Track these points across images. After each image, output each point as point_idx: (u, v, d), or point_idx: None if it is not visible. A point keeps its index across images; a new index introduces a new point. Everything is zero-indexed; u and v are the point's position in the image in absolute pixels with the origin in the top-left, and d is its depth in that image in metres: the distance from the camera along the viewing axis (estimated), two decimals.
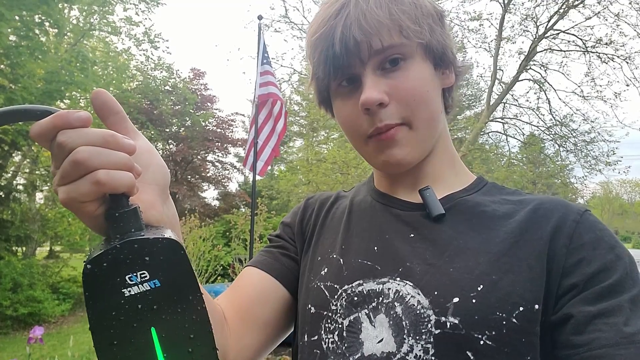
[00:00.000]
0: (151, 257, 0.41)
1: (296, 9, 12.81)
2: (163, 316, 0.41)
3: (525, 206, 0.65)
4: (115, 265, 0.40)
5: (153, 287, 0.41)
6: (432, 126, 0.68)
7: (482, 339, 0.55)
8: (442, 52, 0.67)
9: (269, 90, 5.06)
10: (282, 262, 0.76)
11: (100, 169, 0.40)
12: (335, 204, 0.82)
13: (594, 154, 13.21)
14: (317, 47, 0.66)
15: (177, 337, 0.42)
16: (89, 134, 0.41)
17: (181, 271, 0.42)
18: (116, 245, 0.40)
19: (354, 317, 0.63)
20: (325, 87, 0.71)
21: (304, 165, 12.50)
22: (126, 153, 0.43)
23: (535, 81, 13.42)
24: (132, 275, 0.40)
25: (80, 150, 0.40)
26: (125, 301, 0.40)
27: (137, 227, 0.43)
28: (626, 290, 0.55)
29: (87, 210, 0.43)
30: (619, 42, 11.94)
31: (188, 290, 0.43)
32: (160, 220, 0.49)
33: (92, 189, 0.41)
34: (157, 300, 0.41)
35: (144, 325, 0.41)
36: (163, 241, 0.42)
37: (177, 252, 0.42)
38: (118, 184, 0.41)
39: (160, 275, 0.41)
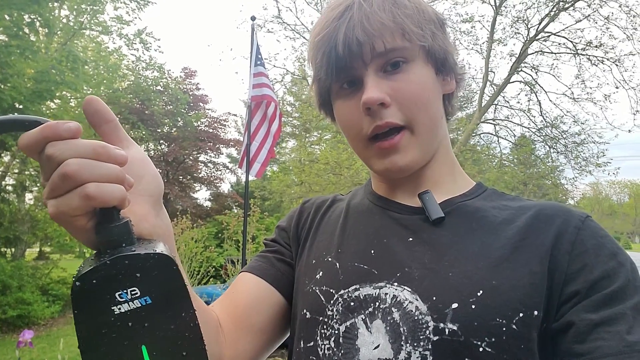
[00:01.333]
0: (142, 273, 0.40)
1: (289, 9, 12.81)
2: (154, 333, 0.41)
3: (526, 212, 0.65)
4: (104, 282, 0.39)
5: (144, 304, 0.40)
6: (434, 131, 0.68)
7: (481, 346, 0.54)
8: (443, 57, 0.68)
9: (263, 92, 5.04)
10: (277, 268, 0.76)
11: (90, 182, 0.39)
12: (332, 207, 0.81)
13: (584, 155, 13.32)
14: (320, 48, 0.66)
15: (168, 354, 0.41)
16: (78, 146, 0.40)
17: (173, 287, 0.41)
18: (106, 261, 0.39)
19: (350, 322, 0.62)
20: (326, 89, 0.70)
21: (296, 166, 12.48)
22: (118, 164, 0.42)
23: (526, 83, 13.50)
24: (122, 292, 0.39)
25: (69, 163, 0.39)
26: (115, 319, 0.39)
27: (129, 242, 0.42)
28: (628, 297, 0.54)
29: (78, 224, 0.42)
30: (608, 45, 12.06)
31: (180, 307, 0.42)
32: (153, 232, 0.48)
33: (81, 203, 0.40)
34: (148, 317, 0.40)
35: (135, 343, 0.40)
36: (155, 257, 0.41)
37: (169, 267, 0.41)
38: (108, 198, 0.40)
39: (151, 292, 0.40)
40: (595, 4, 11.69)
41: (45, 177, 0.41)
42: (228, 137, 19.51)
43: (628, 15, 11.57)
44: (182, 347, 0.42)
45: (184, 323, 0.42)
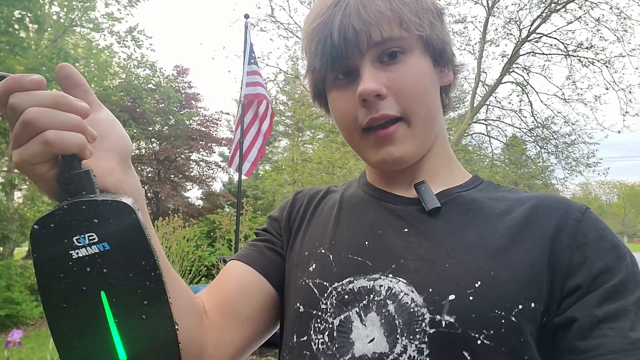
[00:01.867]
0: (100, 219, 0.40)
1: (282, 8, 12.76)
2: (113, 281, 0.40)
3: (524, 203, 0.64)
4: (62, 227, 0.39)
5: (102, 250, 0.40)
6: (430, 123, 0.67)
7: (479, 339, 0.53)
8: (441, 48, 0.67)
9: (257, 91, 5.03)
10: (267, 257, 0.74)
11: (49, 129, 0.41)
12: (325, 198, 0.80)
13: (574, 155, 13.46)
14: (315, 37, 0.65)
15: (129, 302, 0.41)
16: (39, 95, 0.42)
17: (132, 236, 0.41)
18: (63, 206, 0.40)
19: (345, 316, 0.60)
20: (321, 79, 0.69)
21: (289, 165, 12.47)
22: (78, 115, 0.43)
23: (517, 84, 13.60)
24: (79, 237, 0.39)
25: (29, 111, 0.41)
26: (73, 263, 0.39)
27: (89, 191, 0.42)
28: (629, 291, 0.53)
29: (39, 172, 0.43)
30: (599, 47, 12.19)
31: (140, 256, 0.42)
32: (119, 187, 0.49)
33: (41, 149, 0.41)
34: (106, 264, 0.40)
35: (93, 288, 0.40)
36: (112, 203, 0.41)
37: (127, 215, 0.41)
38: (67, 144, 0.41)
39: (109, 239, 0.40)
40: (587, 6, 11.82)
41: (11, 129, 0.42)
42: (220, 135, 19.44)
43: (618, 18, 11.70)
44: (143, 295, 0.42)
45: (144, 271, 0.42)
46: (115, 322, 0.41)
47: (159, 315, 0.43)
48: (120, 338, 0.41)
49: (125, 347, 0.41)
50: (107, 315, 0.41)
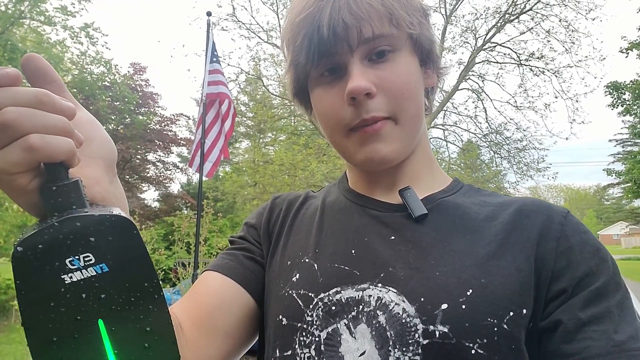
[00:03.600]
0: (97, 237, 0.35)
1: (244, 8, 12.56)
2: (113, 307, 0.36)
3: (507, 208, 0.64)
4: (53, 247, 0.34)
5: (100, 273, 0.35)
6: (417, 123, 0.65)
7: (473, 348, 0.51)
8: (429, 49, 0.65)
9: (219, 90, 4.92)
10: (246, 266, 0.70)
11: (33, 132, 0.34)
12: (305, 204, 0.76)
13: (525, 160, 14.07)
14: (301, 30, 0.61)
15: (130, 330, 0.36)
16: (18, 93, 0.35)
17: (134, 254, 0.37)
18: (54, 223, 0.34)
19: (332, 328, 0.57)
20: (304, 75, 0.65)
21: (250, 166, 12.31)
22: (64, 117, 0.36)
23: (473, 91, 14.10)
24: (73, 259, 0.34)
25: (7, 111, 0.34)
26: (65, 289, 0.34)
27: (80, 204, 0.36)
28: (611, 294, 0.54)
29: (18, 183, 0.36)
30: (549, 57, 12.84)
31: (142, 276, 0.37)
32: (107, 198, 0.43)
33: (23, 156, 0.35)
34: (104, 287, 0.35)
35: (90, 317, 0.35)
36: (112, 219, 0.36)
37: (128, 231, 0.37)
38: (55, 151, 0.35)
39: (108, 259, 0.35)
40: (538, 18, 12.42)
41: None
42: (179, 136, 18.98)
43: (567, 30, 12.36)
44: (146, 321, 0.37)
45: (147, 294, 0.37)
46: (115, 354, 0.36)
47: (163, 343, 0.38)
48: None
49: None
50: (106, 347, 0.36)
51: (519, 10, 12.56)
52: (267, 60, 13.27)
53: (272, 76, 13.92)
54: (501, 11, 12.70)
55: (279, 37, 11.98)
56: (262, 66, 13.44)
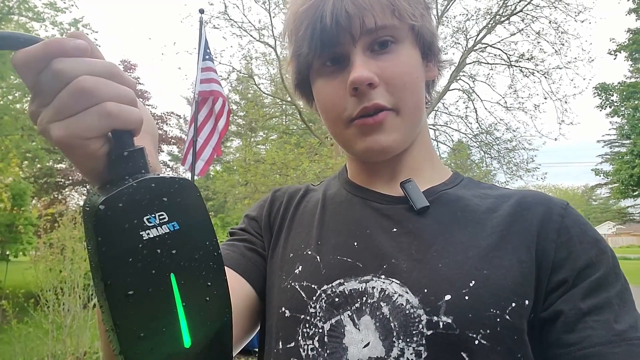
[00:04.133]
0: (169, 198, 0.38)
1: (236, 6, 12.49)
2: (181, 262, 0.38)
3: (507, 200, 0.64)
4: (132, 206, 0.36)
5: (172, 230, 0.37)
6: (418, 115, 0.66)
7: (476, 338, 0.52)
8: (430, 41, 0.66)
9: (212, 88, 4.89)
10: (247, 258, 0.69)
11: (108, 100, 0.36)
12: (306, 197, 0.76)
13: (515, 161, 14.19)
14: (304, 20, 0.62)
15: (195, 284, 0.39)
16: (92, 63, 0.36)
17: (199, 214, 0.40)
18: (132, 184, 0.36)
19: (336, 320, 0.58)
20: (307, 65, 0.66)
21: (241, 165, 12.25)
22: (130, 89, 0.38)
23: (464, 91, 14.18)
24: (150, 217, 0.36)
25: (84, 79, 0.35)
26: (143, 245, 0.36)
27: (146, 169, 0.39)
28: (611, 284, 0.55)
29: (91, 148, 0.37)
30: (539, 58, 12.96)
31: (206, 235, 0.40)
32: (157, 169, 0.44)
33: (100, 122, 0.36)
34: (176, 244, 0.37)
35: (163, 271, 0.37)
36: (180, 181, 0.39)
37: (194, 193, 0.40)
38: (128, 119, 0.37)
39: (178, 218, 0.38)
40: (528, 19, 12.53)
41: (43, 100, 0.37)
42: (170, 134, 18.84)
43: (556, 32, 12.49)
44: (207, 277, 0.40)
45: (209, 252, 0.40)
46: (182, 306, 0.38)
47: (220, 298, 0.41)
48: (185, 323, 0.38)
49: (190, 333, 0.38)
50: (176, 300, 0.37)
51: (510, 11, 12.67)
52: (259, 59, 13.24)
53: (263, 75, 13.89)
54: (492, 12, 12.80)
55: (270, 36, 11.97)
56: (253, 65, 13.40)
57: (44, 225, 5.99)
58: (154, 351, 0.36)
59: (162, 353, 0.37)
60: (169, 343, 0.37)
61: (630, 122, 13.97)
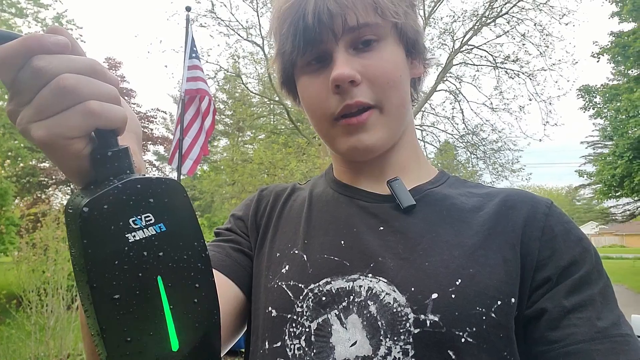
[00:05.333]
0: (155, 199, 0.37)
1: (223, 4, 12.42)
2: (168, 264, 0.38)
3: (493, 199, 0.65)
4: (117, 207, 0.35)
5: (159, 232, 0.37)
6: (402, 112, 0.66)
7: (463, 336, 0.52)
8: (414, 39, 0.66)
9: (198, 86, 4.85)
10: (234, 258, 0.69)
11: (91, 99, 0.35)
12: (292, 196, 0.76)
13: (500, 161, 14.35)
14: (287, 18, 0.62)
15: (183, 287, 0.38)
16: (74, 60, 0.35)
17: (186, 215, 0.39)
18: (117, 184, 0.36)
19: (323, 319, 0.57)
20: (291, 63, 0.65)
21: (228, 165, 12.18)
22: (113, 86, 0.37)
23: (450, 92, 14.29)
24: (136, 219, 0.36)
25: (66, 77, 0.34)
26: (129, 248, 0.35)
27: (131, 170, 0.38)
28: (594, 282, 0.55)
29: (74, 148, 0.36)
30: (524, 60, 13.12)
31: (193, 236, 0.40)
32: (141, 169, 0.44)
33: (83, 121, 0.35)
34: (162, 246, 0.37)
35: (150, 274, 0.36)
36: (167, 182, 0.38)
37: (180, 194, 0.39)
38: (113, 117, 0.36)
39: (165, 219, 0.37)
40: (514, 21, 12.68)
41: (22, 99, 0.35)
42: (156, 133, 18.66)
43: (541, 34, 12.66)
44: (195, 278, 0.39)
45: (196, 253, 0.40)
46: (170, 309, 0.37)
47: (208, 299, 0.40)
48: (173, 326, 0.38)
49: (177, 335, 0.38)
50: (163, 302, 0.37)
51: (496, 13, 12.81)
52: (247, 58, 13.18)
53: (251, 74, 13.84)
54: (478, 14, 12.93)
55: (258, 35, 11.92)
56: (241, 64, 13.35)
57: (27, 225, 5.89)
58: (141, 355, 0.36)
59: (149, 357, 0.36)
60: (157, 346, 0.37)
61: (612, 123, 14.22)
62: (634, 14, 12.95)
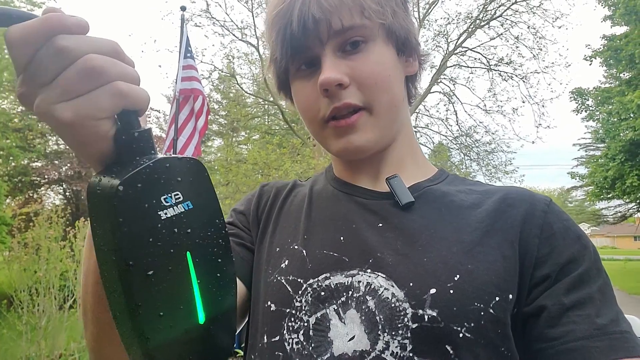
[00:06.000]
0: (183, 177, 0.39)
1: (218, 4, 12.40)
2: (195, 240, 0.39)
3: (492, 196, 0.65)
4: (151, 186, 0.36)
5: (187, 209, 0.38)
6: (393, 112, 0.66)
7: (461, 332, 0.52)
8: (404, 37, 0.66)
9: (193, 86, 4.83)
10: (237, 252, 0.69)
11: (118, 80, 0.35)
12: (293, 192, 0.77)
13: (494, 163, 14.47)
14: (275, 25, 0.62)
15: (208, 261, 0.40)
16: (97, 41, 0.35)
17: (209, 193, 0.41)
18: (149, 164, 0.36)
19: (321, 313, 0.58)
20: (283, 70, 0.66)
21: (223, 165, 12.16)
22: None
23: (444, 94, 14.37)
24: (167, 197, 0.37)
25: (93, 58, 0.34)
26: (162, 225, 0.37)
27: (155, 149, 0.39)
28: (593, 279, 0.56)
29: (102, 129, 0.36)
30: (517, 62, 13.24)
31: (214, 213, 0.42)
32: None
33: (111, 101, 0.35)
34: (190, 223, 0.39)
35: (180, 250, 0.38)
36: (191, 161, 0.40)
37: (203, 173, 0.41)
38: (139, 98, 0.36)
39: (191, 197, 0.39)
40: (508, 24, 12.78)
41: (46, 77, 0.34)
42: None
43: (535, 37, 12.76)
44: (218, 254, 0.41)
45: (218, 229, 0.42)
46: (197, 284, 0.39)
47: (229, 273, 0.42)
48: (200, 300, 0.39)
49: (204, 309, 0.40)
50: (192, 277, 0.39)
51: (490, 16, 12.91)
52: (241, 58, 13.17)
53: (246, 74, 13.83)
54: (472, 17, 13.02)
55: (253, 35, 11.92)
56: (236, 64, 13.33)
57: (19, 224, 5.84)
58: (172, 329, 0.37)
59: (179, 330, 0.38)
60: (186, 320, 0.38)
61: (604, 126, 14.34)
62: (626, 17, 13.08)
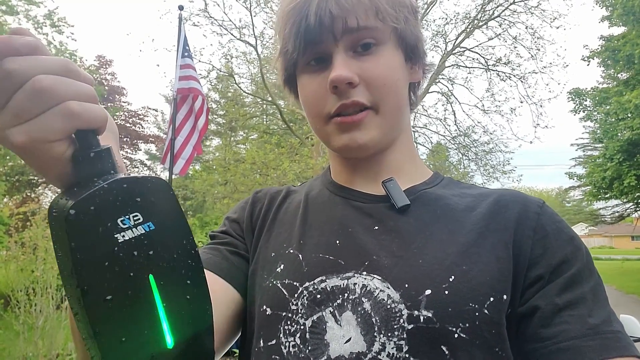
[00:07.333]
0: (142, 197, 0.37)
1: (216, 4, 12.41)
2: (159, 262, 0.37)
3: (486, 198, 0.66)
4: (105, 208, 0.35)
5: (148, 231, 0.37)
6: (398, 115, 0.67)
7: (456, 332, 0.53)
8: (414, 44, 0.67)
9: (190, 85, 4.83)
10: (231, 261, 0.69)
11: (69, 100, 0.34)
12: (288, 199, 0.77)
13: (492, 163, 14.49)
14: (290, 18, 0.63)
15: (175, 284, 0.38)
16: (47, 61, 0.34)
17: (174, 213, 0.39)
18: (103, 185, 0.35)
19: (317, 316, 0.58)
20: (292, 62, 0.67)
21: (221, 165, 12.15)
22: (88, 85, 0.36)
23: (443, 94, 14.39)
24: (124, 219, 0.35)
25: (41, 79, 0.33)
26: (119, 248, 0.35)
27: (114, 169, 0.37)
28: (585, 280, 0.56)
29: (56, 151, 0.35)
30: (515, 63, 13.26)
31: (182, 233, 0.40)
32: (122, 169, 0.42)
33: (63, 122, 0.34)
34: (152, 245, 0.37)
35: (141, 273, 0.36)
36: (152, 180, 0.38)
37: (167, 192, 0.39)
38: (93, 117, 0.35)
39: (153, 218, 0.37)
40: (506, 24, 12.79)
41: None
42: (147, 132, 18.55)
43: (533, 37, 12.78)
44: (187, 275, 0.40)
45: (186, 250, 0.40)
46: (163, 307, 0.37)
47: (200, 295, 0.41)
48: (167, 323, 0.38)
49: (172, 332, 0.38)
50: (156, 300, 0.37)
51: (488, 16, 12.92)
52: (239, 57, 13.16)
53: (244, 74, 13.81)
54: (470, 17, 13.03)
55: (251, 35, 11.91)
56: (234, 64, 13.31)
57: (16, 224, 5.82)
58: (137, 354, 0.36)
59: (145, 355, 0.36)
60: (152, 345, 0.37)
61: (602, 126, 14.37)
62: (623, 18, 13.11)
